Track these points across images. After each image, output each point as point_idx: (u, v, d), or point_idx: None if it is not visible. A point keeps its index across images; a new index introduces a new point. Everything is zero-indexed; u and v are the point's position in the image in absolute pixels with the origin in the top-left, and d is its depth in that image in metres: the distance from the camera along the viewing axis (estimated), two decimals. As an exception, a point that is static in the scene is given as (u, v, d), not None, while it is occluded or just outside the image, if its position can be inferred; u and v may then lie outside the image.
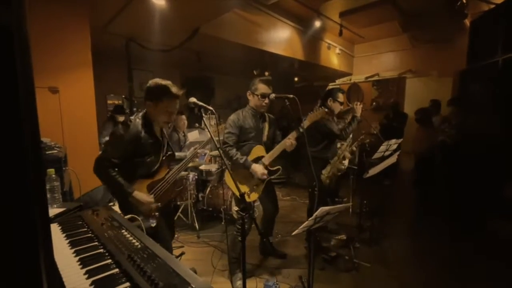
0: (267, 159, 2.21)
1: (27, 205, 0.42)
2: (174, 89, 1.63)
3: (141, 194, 1.60)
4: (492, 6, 3.69)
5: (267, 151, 2.27)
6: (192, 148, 2.15)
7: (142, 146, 1.60)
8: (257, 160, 2.21)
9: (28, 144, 0.42)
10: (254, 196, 2.21)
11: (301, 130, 2.07)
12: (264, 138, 2.31)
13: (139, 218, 1.41)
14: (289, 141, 2.12)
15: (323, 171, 2.82)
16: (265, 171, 2.17)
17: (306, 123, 2.14)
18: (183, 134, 3.63)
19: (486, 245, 2.88)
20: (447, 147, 3.86)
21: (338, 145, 3.00)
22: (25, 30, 0.40)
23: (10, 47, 0.37)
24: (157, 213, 1.66)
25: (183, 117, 3.57)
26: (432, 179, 4.06)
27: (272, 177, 2.27)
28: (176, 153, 2.06)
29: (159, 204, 1.67)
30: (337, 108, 2.78)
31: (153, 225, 1.62)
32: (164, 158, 1.74)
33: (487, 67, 3.30)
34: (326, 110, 2.16)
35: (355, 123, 2.70)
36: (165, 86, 1.61)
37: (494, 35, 3.20)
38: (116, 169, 1.58)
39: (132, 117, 1.65)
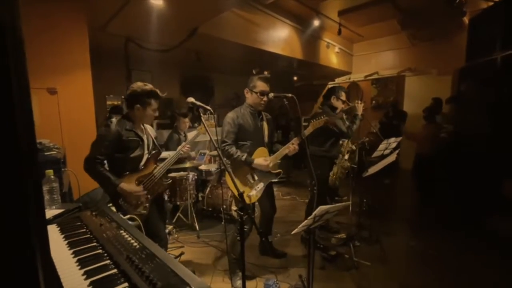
0: (270, 161, 2.21)
1: (23, 207, 0.42)
2: (158, 91, 1.82)
3: (128, 185, 1.74)
4: (491, 3, 3.68)
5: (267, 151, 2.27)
6: (179, 147, 2.19)
7: (124, 142, 1.75)
8: None
9: (23, 143, 0.41)
10: (254, 198, 2.21)
11: (303, 137, 2.10)
12: (266, 139, 2.30)
13: (138, 219, 1.41)
14: (293, 147, 2.14)
15: (331, 173, 2.83)
16: (268, 162, 2.15)
17: (309, 129, 2.18)
18: (183, 135, 3.65)
19: (487, 244, 2.88)
20: (446, 144, 3.88)
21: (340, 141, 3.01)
22: (19, 25, 0.39)
23: (2, 42, 0.37)
24: (147, 204, 1.81)
25: (186, 120, 3.62)
26: (432, 177, 4.06)
27: (274, 180, 2.28)
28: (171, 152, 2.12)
29: (149, 196, 1.82)
30: (339, 106, 2.81)
31: (144, 211, 1.78)
32: (150, 155, 1.89)
33: (486, 64, 3.30)
34: (327, 118, 2.20)
35: (358, 121, 2.73)
36: (152, 90, 1.79)
37: (493, 32, 3.19)
38: (105, 166, 1.76)
39: (113, 119, 1.80)
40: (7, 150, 0.39)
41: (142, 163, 1.85)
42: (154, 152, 1.92)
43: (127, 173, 1.79)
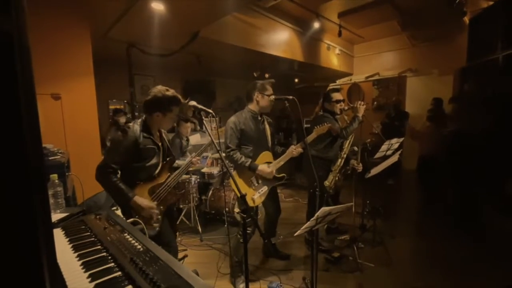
0: (273, 166, 2.23)
1: (29, 211, 0.43)
2: (180, 97, 1.72)
3: (142, 199, 1.61)
4: (491, 3, 3.68)
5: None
6: (189, 156, 2.17)
7: (141, 150, 1.63)
8: None
9: (30, 150, 0.42)
10: (258, 201, 2.22)
11: (305, 143, 2.14)
12: (269, 143, 2.32)
13: (142, 223, 1.42)
14: (296, 151, 2.19)
15: (326, 182, 2.80)
16: (272, 170, 2.20)
17: (312, 135, 2.23)
18: (185, 139, 3.67)
19: (492, 244, 2.85)
20: (449, 144, 3.86)
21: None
22: (26, 35, 0.40)
23: (10, 52, 0.38)
24: (159, 217, 1.67)
25: (188, 124, 3.64)
26: (436, 177, 4.04)
27: (278, 183, 2.29)
28: (178, 161, 2.08)
29: (162, 207, 1.69)
30: (336, 107, 2.77)
31: (156, 229, 1.64)
32: (165, 162, 1.77)
33: (487, 64, 3.29)
34: (330, 125, 2.27)
35: (356, 122, 2.67)
36: (174, 97, 1.69)
37: (494, 32, 3.19)
38: (118, 175, 1.61)
39: (130, 124, 1.67)
40: (14, 156, 0.40)
41: (157, 171, 1.73)
42: (168, 159, 1.80)
43: (140, 182, 1.68)
